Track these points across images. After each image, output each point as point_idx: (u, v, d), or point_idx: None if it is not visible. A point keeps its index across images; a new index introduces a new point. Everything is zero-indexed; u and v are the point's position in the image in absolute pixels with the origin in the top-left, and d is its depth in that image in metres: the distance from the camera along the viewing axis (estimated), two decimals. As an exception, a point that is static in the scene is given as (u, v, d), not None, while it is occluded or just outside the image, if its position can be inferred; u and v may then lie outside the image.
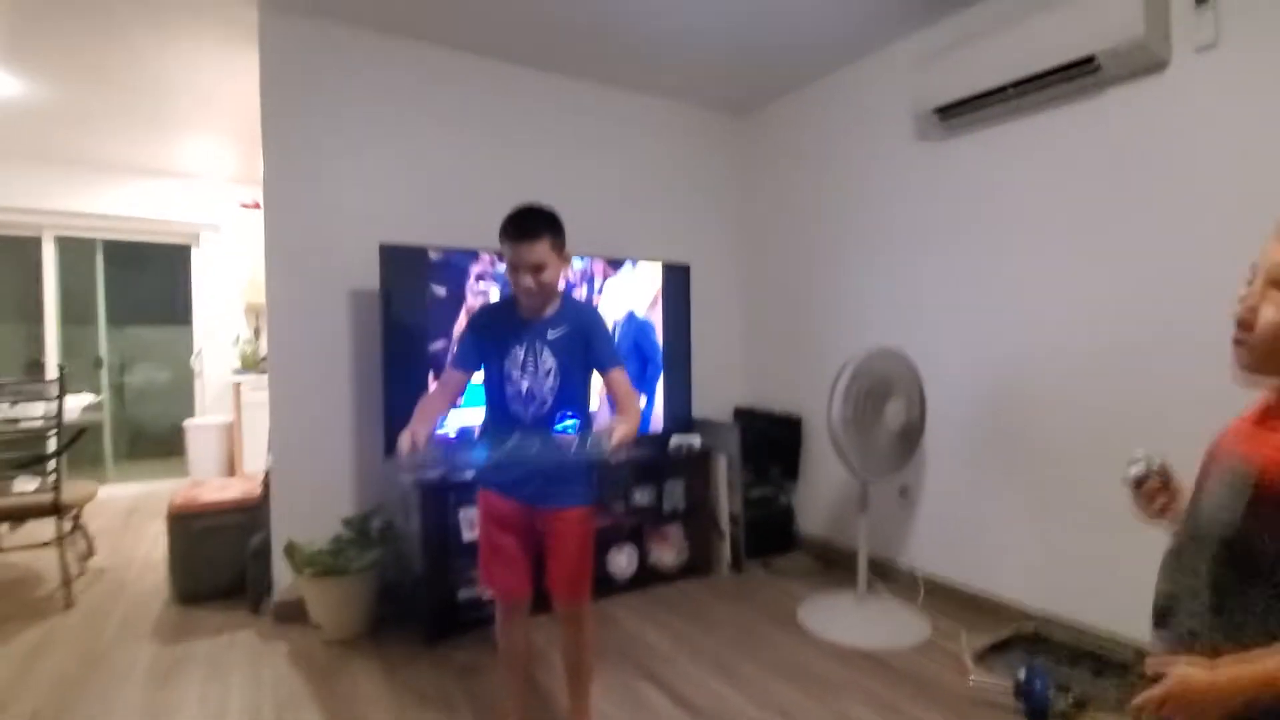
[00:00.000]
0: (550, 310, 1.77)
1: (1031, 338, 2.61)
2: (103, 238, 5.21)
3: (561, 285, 1.81)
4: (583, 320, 1.81)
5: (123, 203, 5.01)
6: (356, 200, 2.92)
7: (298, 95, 2.81)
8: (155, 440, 5.72)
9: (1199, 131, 2.12)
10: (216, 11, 2.70)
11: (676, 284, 3.38)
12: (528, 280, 1.69)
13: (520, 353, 1.75)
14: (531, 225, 1.68)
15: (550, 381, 1.74)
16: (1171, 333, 2.20)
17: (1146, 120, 2.24)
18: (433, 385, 2.74)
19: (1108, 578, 2.39)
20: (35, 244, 4.94)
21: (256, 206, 5.06)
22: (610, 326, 2.98)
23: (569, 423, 1.65)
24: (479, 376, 1.83)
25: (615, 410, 1.76)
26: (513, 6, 2.70)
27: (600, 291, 3.14)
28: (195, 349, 5.44)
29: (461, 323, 2.81)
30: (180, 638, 2.67)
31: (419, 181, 3.06)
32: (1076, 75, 2.24)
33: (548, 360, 1.75)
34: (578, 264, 3.09)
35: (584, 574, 1.85)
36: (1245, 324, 0.93)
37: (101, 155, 4.69)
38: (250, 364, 5.11)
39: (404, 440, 1.56)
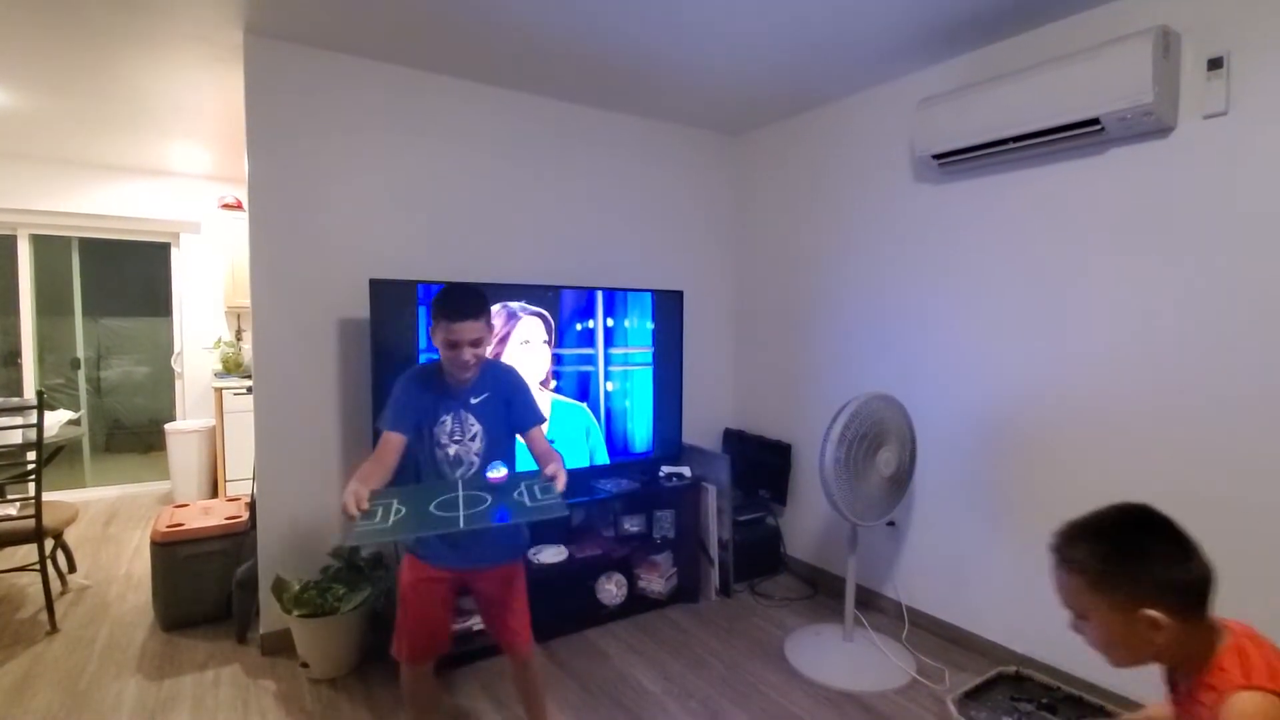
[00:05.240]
0: (471, 377, 1.86)
1: (1021, 384, 2.62)
2: (79, 236, 5.07)
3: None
4: (501, 382, 1.92)
5: (100, 201, 4.86)
6: (345, 228, 2.85)
7: (284, 120, 2.72)
8: (134, 433, 5.63)
9: (1203, 195, 2.11)
10: (200, 32, 2.59)
11: (669, 310, 3.35)
12: (467, 354, 1.77)
13: (448, 421, 1.84)
14: (472, 304, 1.79)
15: (477, 445, 1.85)
16: (1161, 386, 2.22)
17: (1148, 180, 2.23)
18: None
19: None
20: (10, 241, 4.82)
21: (238, 206, 4.95)
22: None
23: (500, 472, 1.71)
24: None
25: (540, 465, 1.82)
26: (505, 34, 2.62)
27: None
28: (176, 349, 5.34)
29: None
30: (166, 671, 2.65)
31: (408, 208, 2.99)
32: (1079, 134, 2.21)
33: (473, 425, 1.85)
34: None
35: (529, 620, 2.00)
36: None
37: (78, 154, 4.55)
38: (232, 367, 5.02)
39: (348, 500, 1.54)
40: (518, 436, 1.93)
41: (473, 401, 1.86)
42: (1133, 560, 1.05)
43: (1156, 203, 2.21)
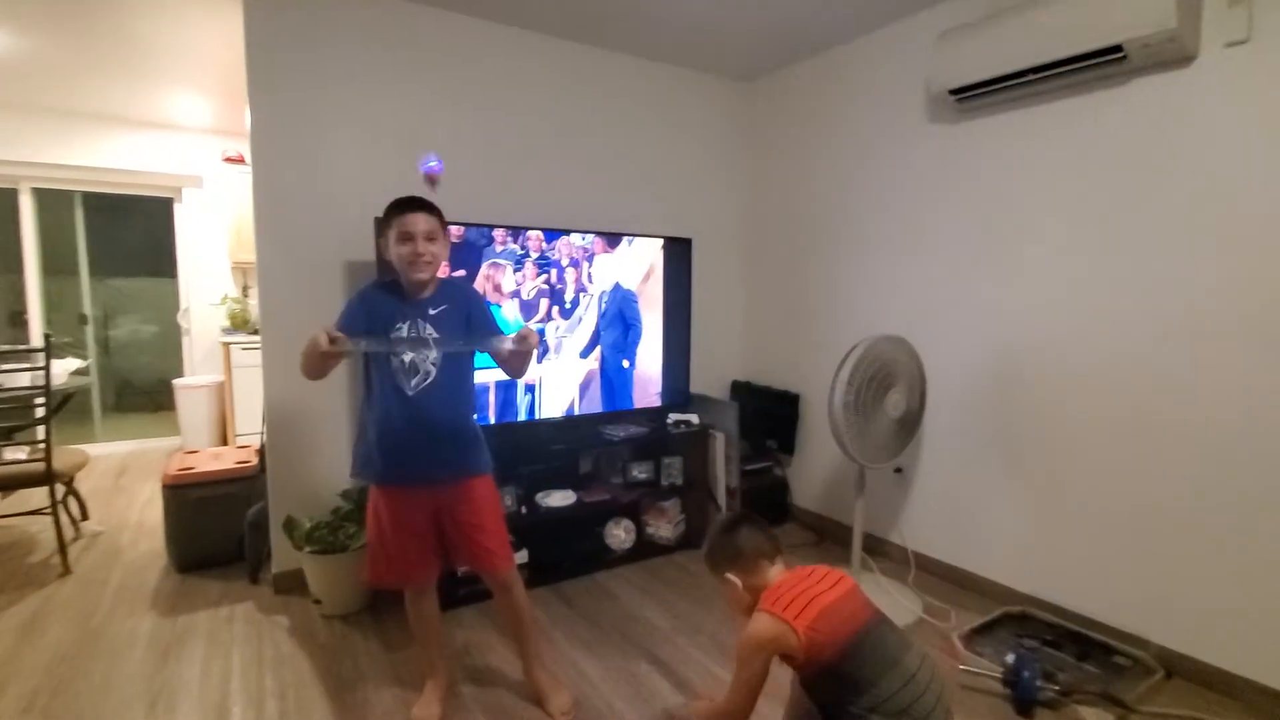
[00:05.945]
0: (429, 291, 1.88)
1: (1036, 326, 2.60)
2: (81, 190, 5.04)
3: (441, 271, 1.93)
4: (461, 297, 1.93)
5: (101, 154, 4.83)
6: (350, 170, 2.82)
7: (286, 60, 2.67)
8: (143, 393, 5.65)
9: (1224, 127, 2.07)
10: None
11: (678, 257, 3.32)
12: (421, 247, 1.79)
13: (404, 330, 1.84)
14: (421, 200, 1.83)
15: (433, 354, 1.85)
16: (1179, 327, 2.20)
17: (1170, 113, 2.18)
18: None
19: (1093, 564, 2.44)
20: (11, 195, 4.79)
21: (240, 160, 4.90)
22: (590, 299, 2.96)
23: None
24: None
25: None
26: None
27: (592, 266, 3.07)
28: (182, 306, 5.34)
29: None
30: (179, 609, 2.69)
31: (414, 149, 2.92)
32: (1101, 64, 2.16)
33: (430, 335, 1.85)
34: (579, 240, 3.02)
35: (506, 540, 2.00)
36: None
37: (78, 106, 4.51)
38: (239, 324, 5.02)
39: (320, 335, 1.65)
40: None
41: (430, 312, 1.86)
42: (717, 547, 1.66)
43: (1178, 135, 2.16)
